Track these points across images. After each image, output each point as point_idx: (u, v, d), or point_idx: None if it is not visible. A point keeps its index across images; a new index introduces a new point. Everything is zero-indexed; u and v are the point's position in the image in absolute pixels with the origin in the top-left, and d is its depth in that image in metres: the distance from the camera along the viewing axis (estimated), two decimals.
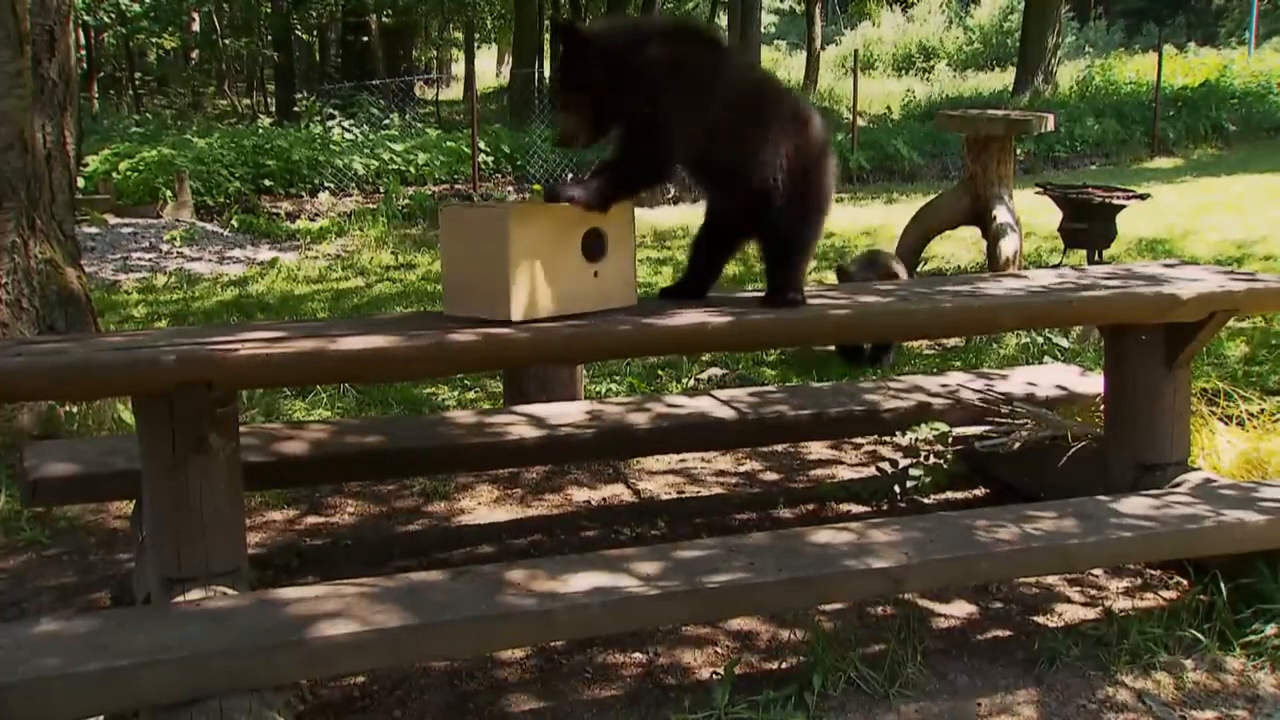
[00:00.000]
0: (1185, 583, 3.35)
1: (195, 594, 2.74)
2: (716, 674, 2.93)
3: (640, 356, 5.53)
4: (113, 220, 11.25)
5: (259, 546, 3.78)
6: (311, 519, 4.08)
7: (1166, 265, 3.83)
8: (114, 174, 12.73)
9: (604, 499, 4.22)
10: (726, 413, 4.03)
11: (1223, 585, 3.10)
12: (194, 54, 25.56)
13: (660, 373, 5.73)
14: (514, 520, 4.03)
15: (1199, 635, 3.03)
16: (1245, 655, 2.98)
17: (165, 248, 10.37)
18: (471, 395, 5.49)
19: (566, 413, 3.99)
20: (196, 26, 24.80)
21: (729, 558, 2.77)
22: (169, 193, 12.23)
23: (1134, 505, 3.13)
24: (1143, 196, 7.58)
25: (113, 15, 21.21)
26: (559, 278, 2.92)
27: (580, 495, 4.25)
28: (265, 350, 2.65)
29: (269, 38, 24.12)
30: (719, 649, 3.09)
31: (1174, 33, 28.45)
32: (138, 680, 2.30)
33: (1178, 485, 3.40)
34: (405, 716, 2.80)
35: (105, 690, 2.29)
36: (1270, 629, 3.01)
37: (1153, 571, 3.47)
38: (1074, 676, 2.92)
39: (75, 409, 4.78)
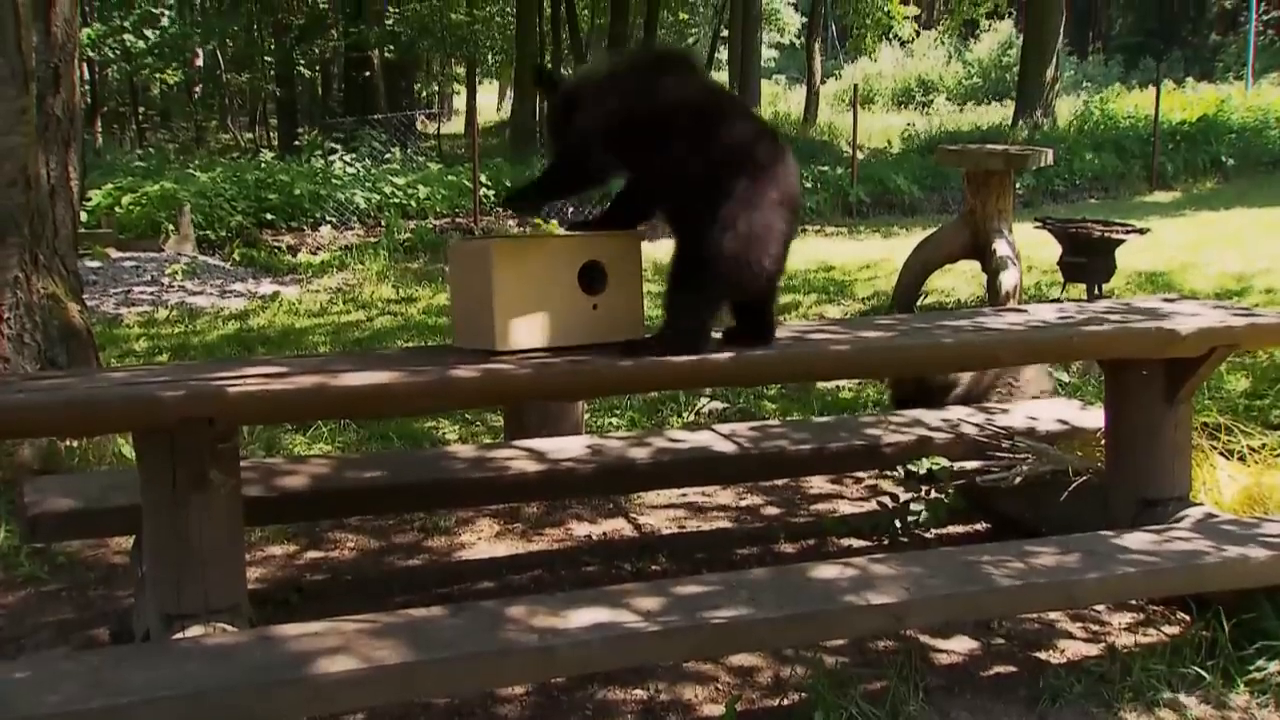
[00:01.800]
0: (1188, 618, 3.33)
1: (195, 631, 2.73)
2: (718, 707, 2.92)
3: (642, 392, 5.53)
4: (115, 254, 11.28)
5: (259, 582, 3.77)
6: (312, 554, 4.07)
7: (1166, 300, 3.84)
8: (116, 208, 12.78)
9: (605, 534, 4.21)
10: (727, 447, 4.02)
11: (1225, 621, 3.09)
12: (197, 89, 25.70)
13: (661, 407, 5.73)
14: (514, 555, 4.02)
15: (1202, 672, 3.01)
16: (1249, 692, 2.96)
17: (167, 281, 10.39)
18: (472, 429, 5.49)
19: (567, 447, 3.99)
20: (200, 62, 24.94)
21: (730, 594, 2.76)
22: (171, 226, 12.27)
23: (1136, 540, 3.13)
24: (1142, 231, 7.62)
25: (117, 51, 21.35)
26: (551, 310, 2.94)
27: (581, 530, 4.24)
28: (267, 386, 2.65)
29: (272, 73, 24.28)
30: (720, 685, 3.08)
31: (1171, 67, 28.60)
32: (137, 718, 2.29)
33: (1179, 520, 3.39)
34: None
35: None
36: (1274, 666, 3.00)
37: (1155, 607, 3.46)
38: (1077, 714, 2.90)
39: (76, 444, 4.78)
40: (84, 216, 11.20)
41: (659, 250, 11.76)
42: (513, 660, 2.51)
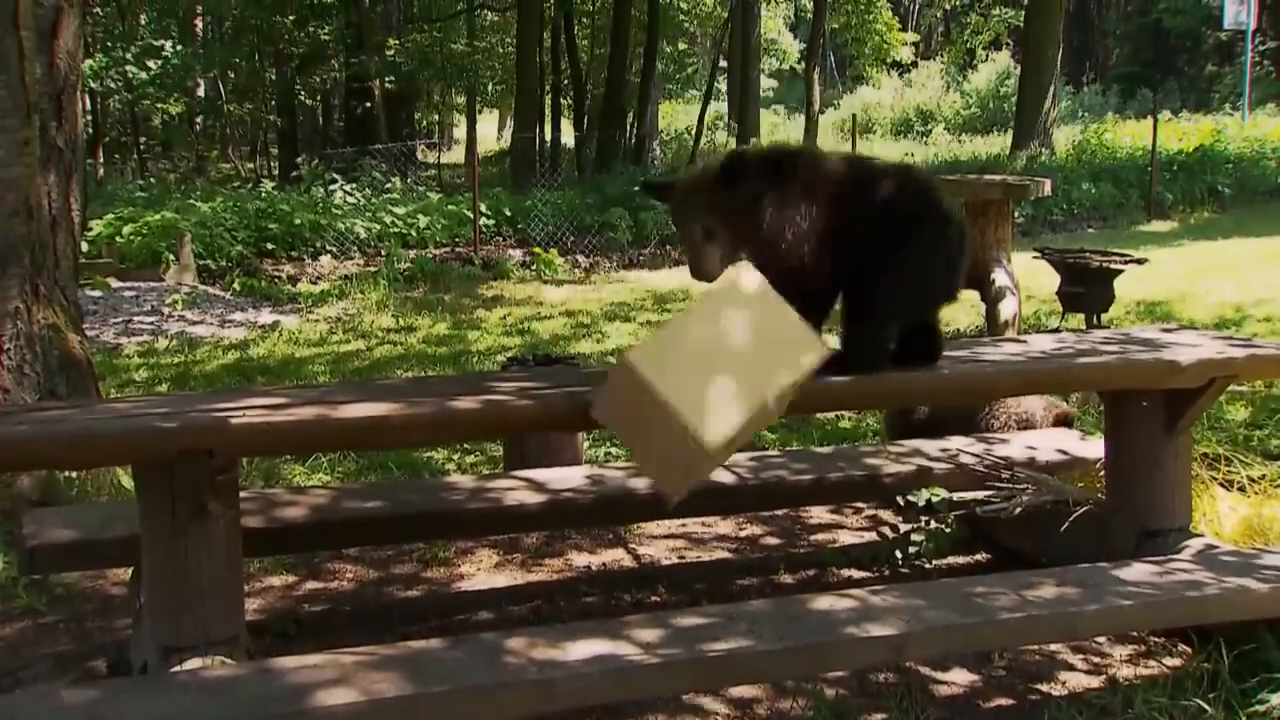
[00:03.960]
0: (1189, 650, 3.32)
1: (193, 663, 2.72)
2: None
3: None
4: (115, 284, 11.28)
5: (257, 613, 3.76)
6: (310, 585, 4.05)
7: (1165, 330, 3.85)
8: (117, 238, 12.79)
9: (604, 564, 4.20)
10: (727, 477, 4.02)
11: (1226, 653, 3.08)
12: (198, 119, 25.78)
13: None
14: (514, 586, 4.01)
15: (1204, 705, 3.00)
16: None
17: (167, 311, 10.39)
18: (472, 459, 5.48)
19: (567, 477, 3.99)
20: (201, 92, 25.04)
21: (730, 625, 2.75)
22: (171, 256, 12.28)
23: (1136, 572, 3.12)
24: (1140, 261, 7.62)
25: (119, 82, 21.43)
26: None
27: (580, 560, 4.23)
28: (267, 418, 2.66)
29: (273, 103, 24.37)
30: (720, 717, 3.06)
31: (1168, 98, 28.73)
32: None
33: (1180, 551, 3.38)
34: None
35: None
36: (1275, 699, 2.98)
37: (1156, 638, 3.44)
38: None
39: (75, 474, 4.77)
40: (85, 246, 11.20)
41: (656, 278, 11.78)
42: (512, 692, 2.50)
